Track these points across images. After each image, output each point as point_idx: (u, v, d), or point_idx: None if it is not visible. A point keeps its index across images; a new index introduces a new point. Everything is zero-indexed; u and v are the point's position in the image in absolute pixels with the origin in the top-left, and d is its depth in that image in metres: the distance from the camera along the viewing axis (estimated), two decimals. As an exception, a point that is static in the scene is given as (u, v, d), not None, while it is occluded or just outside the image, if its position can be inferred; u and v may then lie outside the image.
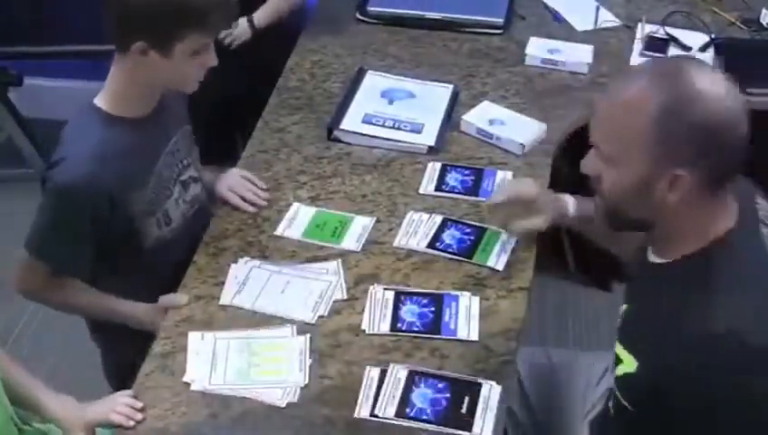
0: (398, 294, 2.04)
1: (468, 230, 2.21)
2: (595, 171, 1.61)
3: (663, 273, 1.63)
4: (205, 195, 2.28)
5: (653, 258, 1.67)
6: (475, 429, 1.79)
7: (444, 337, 1.97)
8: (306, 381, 1.88)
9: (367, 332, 1.98)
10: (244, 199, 2.29)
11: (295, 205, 2.28)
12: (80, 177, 1.95)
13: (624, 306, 1.72)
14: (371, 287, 2.07)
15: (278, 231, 2.22)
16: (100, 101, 2.03)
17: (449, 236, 2.19)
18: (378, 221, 2.24)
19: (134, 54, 1.93)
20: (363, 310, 2.02)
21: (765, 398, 1.51)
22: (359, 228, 2.21)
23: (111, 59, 2.01)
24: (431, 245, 2.17)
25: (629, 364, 1.60)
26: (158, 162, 2.11)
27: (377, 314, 2.01)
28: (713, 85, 1.51)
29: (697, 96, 1.50)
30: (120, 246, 2.09)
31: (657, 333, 1.56)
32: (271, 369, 1.91)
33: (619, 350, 1.64)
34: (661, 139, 1.50)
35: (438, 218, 2.23)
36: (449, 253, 2.15)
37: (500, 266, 2.12)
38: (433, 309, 2.02)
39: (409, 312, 2.02)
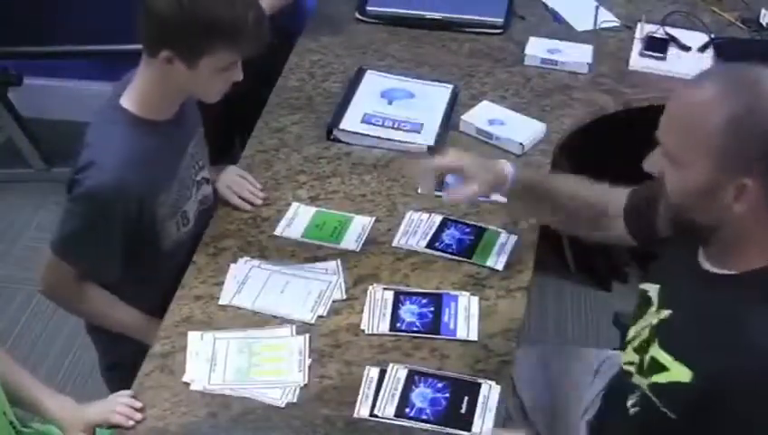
0: (397, 295, 2.05)
1: (468, 230, 2.21)
2: (660, 171, 1.58)
3: (727, 284, 1.58)
4: (214, 196, 2.29)
5: (708, 266, 1.62)
6: (475, 428, 1.79)
7: (443, 337, 1.97)
8: (305, 381, 1.88)
9: (366, 332, 1.98)
10: (241, 198, 2.29)
11: (294, 205, 2.29)
12: (110, 182, 1.95)
13: (667, 312, 1.66)
14: (371, 287, 2.07)
15: (277, 231, 2.22)
16: (126, 102, 2.02)
17: (449, 236, 2.20)
18: (377, 221, 2.24)
19: (161, 61, 1.93)
20: (363, 310, 2.02)
21: None
22: (358, 228, 2.21)
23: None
24: (430, 245, 2.17)
25: (680, 374, 1.56)
26: (182, 165, 2.12)
27: (376, 314, 2.01)
28: None
29: None
30: (142, 249, 2.09)
31: (717, 347, 1.52)
32: (270, 369, 1.91)
33: (662, 357, 1.61)
34: (730, 145, 1.47)
35: (438, 218, 2.24)
36: (449, 253, 2.15)
37: (499, 266, 2.13)
38: (432, 309, 2.02)
39: (409, 312, 2.02)
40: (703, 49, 2.86)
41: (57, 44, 3.77)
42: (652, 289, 1.73)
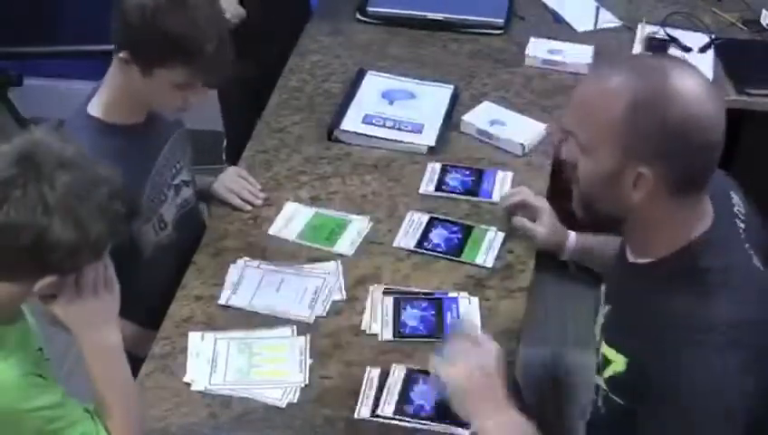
0: (397, 300, 2.04)
1: (455, 229, 2.21)
2: (572, 159, 1.59)
3: (645, 273, 1.61)
4: (195, 198, 2.28)
5: (632, 258, 1.65)
6: (473, 425, 1.79)
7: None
8: (306, 382, 1.88)
9: (367, 332, 1.98)
10: (241, 199, 2.29)
11: (291, 205, 2.28)
12: None
13: (606, 307, 1.71)
14: (371, 287, 2.07)
15: (272, 231, 2.21)
16: (92, 109, 2.03)
17: (437, 236, 2.20)
18: (378, 221, 2.24)
19: (120, 61, 1.95)
20: (363, 310, 2.02)
21: (755, 386, 1.49)
22: (354, 233, 2.21)
23: (110, 60, 2.01)
24: (419, 244, 2.17)
25: (619, 364, 1.60)
26: (153, 168, 2.11)
27: (378, 321, 2.00)
28: (693, 88, 1.50)
29: (674, 96, 1.48)
30: (121, 256, 2.08)
31: (646, 330, 1.56)
32: (271, 369, 1.91)
33: (608, 351, 1.64)
34: (630, 132, 1.49)
35: (425, 218, 2.24)
36: (438, 252, 2.16)
37: (489, 263, 2.13)
38: (434, 312, 2.02)
39: (411, 316, 2.01)
40: (704, 50, 2.86)
41: (57, 44, 3.78)
42: (603, 288, 1.77)
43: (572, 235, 2.10)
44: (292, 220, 2.24)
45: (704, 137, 1.49)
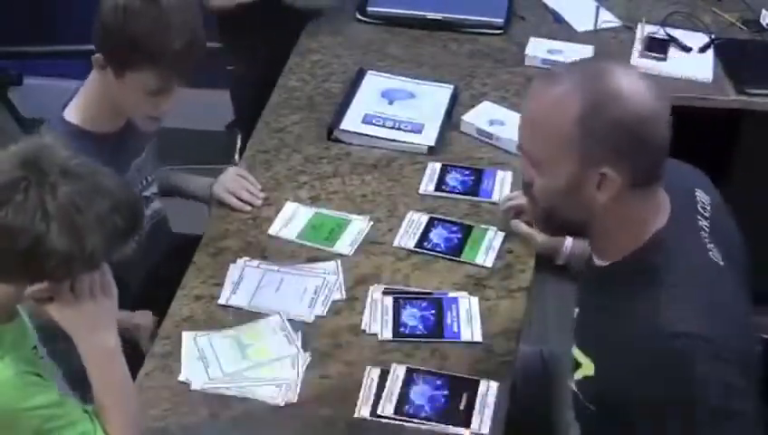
0: (397, 299, 2.04)
1: (455, 229, 2.21)
2: (529, 177, 1.60)
3: (605, 275, 1.64)
4: (164, 209, 2.29)
5: (596, 261, 1.67)
6: (473, 425, 1.80)
7: (448, 340, 1.97)
8: (300, 378, 1.88)
9: (367, 332, 1.98)
10: (240, 200, 2.28)
11: (290, 205, 2.28)
12: None
13: (576, 310, 1.74)
14: (371, 287, 2.07)
15: (272, 231, 2.21)
16: (69, 114, 2.04)
17: (436, 236, 2.20)
18: (378, 221, 2.24)
19: (96, 64, 1.96)
20: (363, 310, 2.02)
21: (716, 387, 1.50)
22: (354, 232, 2.20)
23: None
24: (419, 244, 2.17)
25: (588, 367, 1.62)
26: (127, 177, 2.11)
27: (378, 320, 2.00)
28: (633, 84, 1.52)
29: (618, 94, 1.51)
30: None
31: (609, 334, 1.58)
32: (264, 365, 1.91)
33: (577, 353, 1.67)
34: (585, 137, 1.51)
35: (425, 218, 2.24)
36: (437, 252, 2.16)
37: (488, 263, 2.13)
38: (434, 312, 2.02)
39: (411, 316, 2.01)
40: (703, 50, 2.86)
41: (57, 44, 3.77)
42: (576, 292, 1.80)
43: (569, 240, 2.11)
44: (291, 220, 2.24)
45: (656, 129, 1.53)
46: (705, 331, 1.49)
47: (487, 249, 2.16)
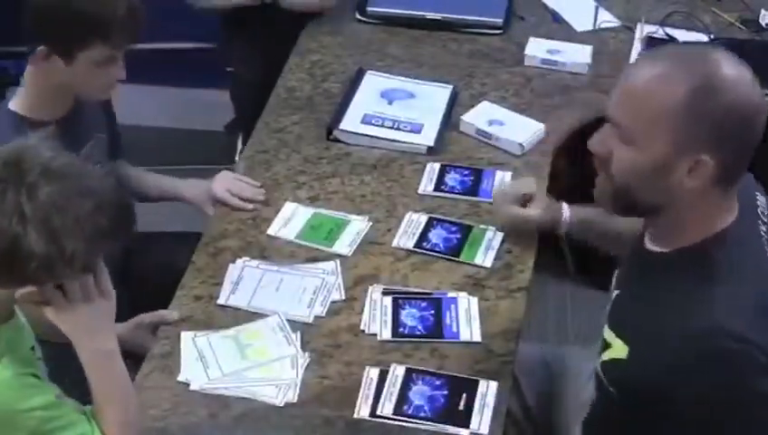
0: (396, 299, 2.04)
1: (454, 229, 2.21)
2: (606, 150, 1.57)
3: (660, 262, 1.61)
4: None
5: (650, 246, 1.64)
6: (473, 425, 1.80)
7: (447, 340, 1.97)
8: (299, 378, 1.88)
9: (366, 332, 1.98)
10: (241, 199, 2.29)
11: (290, 205, 2.28)
12: None
13: (616, 292, 1.71)
14: (370, 288, 2.07)
15: (271, 231, 2.21)
16: (13, 104, 2.05)
17: (435, 236, 2.20)
18: (377, 221, 2.24)
19: (39, 58, 1.96)
20: (362, 310, 2.02)
21: (763, 396, 1.50)
22: (353, 232, 2.20)
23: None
24: (418, 244, 2.17)
25: (619, 350, 1.60)
26: None
27: (377, 320, 2.00)
28: (742, 74, 1.51)
29: (728, 82, 1.48)
30: None
31: (652, 322, 1.56)
32: (264, 366, 1.91)
33: (608, 335, 1.64)
34: (690, 119, 1.48)
35: (424, 218, 2.23)
36: (436, 252, 2.16)
37: (488, 263, 2.13)
38: (433, 312, 2.02)
39: (410, 316, 2.01)
40: (703, 49, 2.86)
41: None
42: (616, 272, 1.78)
43: (565, 206, 2.11)
44: (291, 220, 2.24)
45: (755, 123, 1.51)
46: (760, 338, 1.48)
47: (486, 249, 2.16)
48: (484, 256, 2.15)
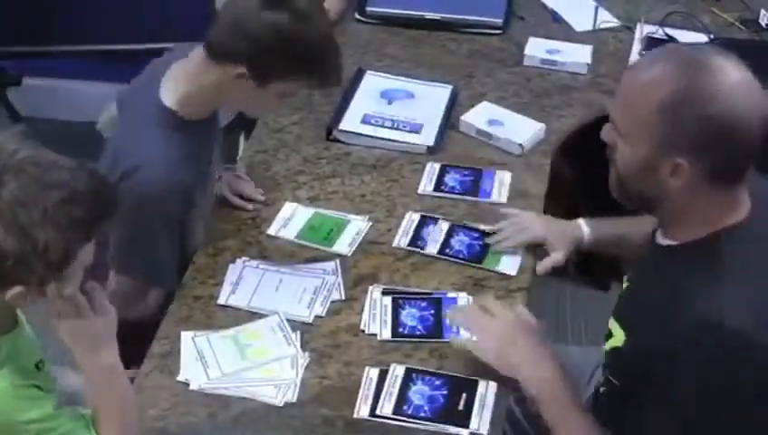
0: (395, 299, 2.04)
1: (477, 235, 2.20)
2: (611, 141, 1.63)
3: (667, 255, 1.64)
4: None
5: (660, 240, 1.67)
6: (472, 425, 1.80)
7: (447, 340, 1.96)
8: (299, 378, 1.88)
9: (366, 332, 1.98)
10: (242, 198, 2.29)
11: (290, 205, 2.28)
12: (163, 179, 1.94)
13: (625, 284, 1.74)
14: (370, 288, 2.07)
15: (271, 231, 2.21)
16: (169, 102, 2.00)
17: (458, 242, 2.18)
18: (376, 221, 2.24)
19: (230, 75, 1.92)
20: (362, 310, 2.02)
21: (757, 394, 1.51)
22: (352, 232, 2.20)
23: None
24: (441, 251, 2.16)
25: (619, 338, 1.63)
26: (212, 164, 2.14)
27: (377, 320, 2.00)
28: (735, 84, 1.51)
29: (714, 92, 1.50)
30: (179, 254, 2.09)
31: (652, 310, 1.58)
32: (264, 366, 1.90)
33: (612, 324, 1.67)
34: (666, 125, 1.51)
35: (445, 225, 2.22)
36: (460, 259, 2.14)
37: (513, 271, 2.12)
38: (433, 312, 2.02)
39: (410, 316, 2.01)
40: (702, 50, 2.86)
41: (56, 44, 3.78)
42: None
43: (581, 222, 2.12)
44: (290, 220, 2.24)
45: (743, 133, 1.51)
46: (762, 337, 1.49)
47: (510, 256, 2.15)
48: (508, 263, 2.13)
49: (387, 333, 1.98)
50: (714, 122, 1.49)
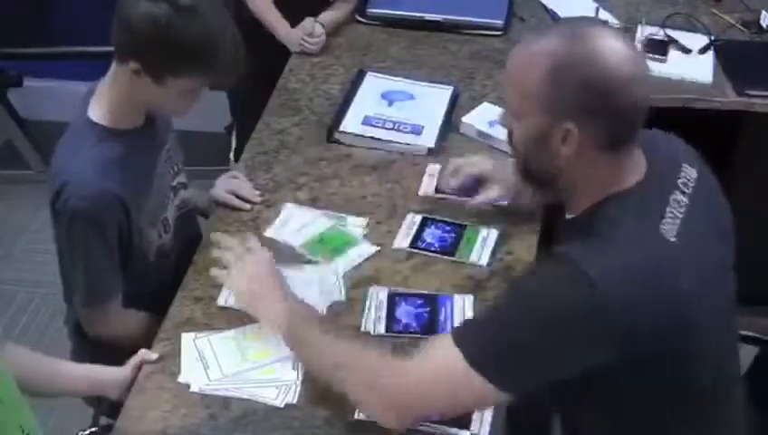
0: (392, 296, 2.04)
1: (448, 228, 2.22)
2: (509, 126, 1.72)
3: (566, 228, 1.73)
4: (190, 199, 2.27)
5: (567, 215, 1.75)
6: (473, 426, 1.80)
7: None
8: (300, 379, 1.88)
9: (368, 333, 1.98)
10: (240, 198, 2.29)
11: (290, 206, 2.28)
12: (93, 192, 1.92)
13: None
14: (371, 289, 2.07)
15: (271, 232, 2.21)
16: (94, 115, 2.00)
17: (430, 235, 2.20)
18: (377, 223, 2.24)
19: (128, 71, 1.92)
20: (362, 311, 2.02)
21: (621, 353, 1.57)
22: (354, 256, 2.15)
23: (111, 60, 1.99)
24: (413, 244, 2.17)
25: None
26: (156, 171, 2.10)
27: (372, 316, 2.00)
28: (612, 49, 1.59)
29: (592, 57, 1.58)
30: (131, 262, 2.07)
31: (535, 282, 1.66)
32: (264, 367, 1.91)
33: None
34: (552, 94, 1.59)
35: (418, 218, 2.24)
36: (431, 251, 2.16)
37: (483, 262, 2.13)
38: (428, 309, 2.02)
39: (405, 313, 2.02)
40: (703, 51, 2.86)
41: (57, 46, 3.78)
42: None
43: None
44: (290, 221, 2.24)
45: (626, 94, 1.58)
46: (618, 291, 1.54)
47: (481, 247, 2.16)
48: (480, 255, 2.15)
49: (381, 328, 1.98)
50: (592, 83, 1.57)
